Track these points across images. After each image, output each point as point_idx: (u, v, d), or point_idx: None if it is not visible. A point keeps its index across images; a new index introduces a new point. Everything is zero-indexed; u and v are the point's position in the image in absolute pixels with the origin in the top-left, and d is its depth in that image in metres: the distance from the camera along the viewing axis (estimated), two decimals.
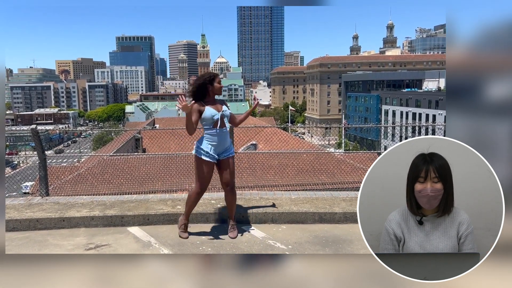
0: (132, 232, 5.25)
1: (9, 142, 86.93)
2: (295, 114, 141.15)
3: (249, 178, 15.09)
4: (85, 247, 4.81)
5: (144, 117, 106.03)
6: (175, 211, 5.54)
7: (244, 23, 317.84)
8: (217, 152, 4.85)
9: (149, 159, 16.32)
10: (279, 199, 6.04)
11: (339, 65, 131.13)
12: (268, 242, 4.89)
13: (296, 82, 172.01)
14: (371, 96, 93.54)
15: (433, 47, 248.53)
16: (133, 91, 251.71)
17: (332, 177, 16.10)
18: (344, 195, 6.21)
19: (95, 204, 5.88)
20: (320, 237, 5.04)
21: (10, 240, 4.99)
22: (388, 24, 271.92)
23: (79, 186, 14.45)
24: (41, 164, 6.68)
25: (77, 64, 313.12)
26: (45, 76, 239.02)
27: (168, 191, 13.40)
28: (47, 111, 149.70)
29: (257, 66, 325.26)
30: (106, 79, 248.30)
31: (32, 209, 5.73)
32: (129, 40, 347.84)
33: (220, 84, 4.93)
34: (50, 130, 12.80)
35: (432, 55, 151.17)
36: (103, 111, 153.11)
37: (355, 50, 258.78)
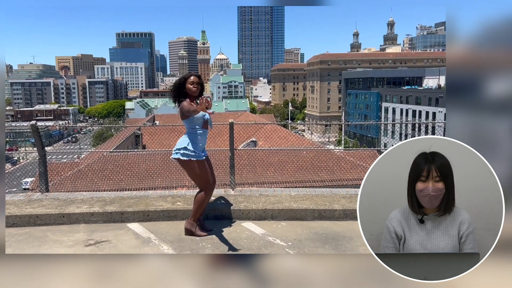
0: (132, 228, 5.26)
1: (9, 138, 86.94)
2: (295, 111, 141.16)
3: (249, 175, 15.10)
4: (85, 243, 4.82)
5: (144, 114, 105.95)
6: (175, 208, 5.55)
7: (244, 20, 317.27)
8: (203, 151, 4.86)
9: (149, 156, 16.33)
10: (279, 196, 6.04)
11: (339, 62, 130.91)
12: (267, 238, 4.90)
13: (296, 79, 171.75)
14: (371, 94, 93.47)
15: (433, 45, 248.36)
16: (133, 88, 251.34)
17: (331, 174, 16.12)
18: (344, 192, 6.22)
19: (95, 200, 5.89)
20: (320, 234, 5.05)
21: (10, 235, 5.00)
22: (389, 21, 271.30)
23: (79, 182, 14.47)
24: (41, 160, 6.68)
25: (77, 60, 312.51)
26: (45, 72, 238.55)
27: (168, 187, 13.42)
28: (47, 107, 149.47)
29: (257, 63, 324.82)
30: (106, 75, 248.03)
31: (32, 205, 5.73)
32: (129, 36, 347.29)
33: (193, 85, 4.75)
34: (50, 126, 12.80)
35: (433, 53, 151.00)
36: (103, 107, 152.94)
37: (355, 47, 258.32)
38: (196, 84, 4.78)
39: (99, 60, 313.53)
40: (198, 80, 4.84)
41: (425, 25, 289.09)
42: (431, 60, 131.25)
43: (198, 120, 4.70)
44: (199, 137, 4.75)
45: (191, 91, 4.75)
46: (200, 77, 4.95)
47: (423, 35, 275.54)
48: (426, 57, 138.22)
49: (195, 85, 4.77)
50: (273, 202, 5.74)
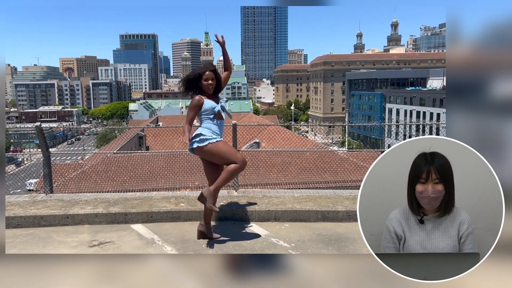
0: (135, 229, 5.28)
1: (14, 140, 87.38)
2: (298, 113, 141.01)
3: (252, 176, 15.11)
4: (89, 244, 4.85)
5: (147, 115, 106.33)
6: (178, 209, 5.56)
7: (247, 21, 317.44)
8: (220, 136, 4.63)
9: (152, 157, 16.38)
10: (282, 197, 6.05)
11: (343, 63, 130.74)
12: (271, 240, 4.91)
13: (299, 80, 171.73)
14: (375, 95, 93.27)
15: (437, 45, 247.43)
16: (137, 89, 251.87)
17: (335, 176, 16.11)
18: (347, 194, 6.22)
19: (99, 202, 5.92)
20: (323, 235, 5.05)
21: (14, 236, 5.03)
22: (393, 22, 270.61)
23: (83, 184, 14.53)
24: (45, 162, 6.72)
25: (81, 62, 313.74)
26: (49, 74, 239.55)
27: (171, 188, 13.46)
28: (51, 108, 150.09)
29: (260, 64, 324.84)
30: (110, 77, 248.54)
31: (37, 206, 5.77)
32: (133, 38, 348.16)
33: (207, 81, 4.57)
34: (54, 127, 12.88)
35: (437, 53, 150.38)
36: (107, 108, 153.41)
37: (359, 48, 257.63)
38: (211, 79, 4.58)
39: (102, 62, 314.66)
40: (214, 75, 4.62)
41: (429, 26, 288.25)
42: (435, 61, 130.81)
43: (208, 111, 4.55)
44: (214, 126, 4.58)
45: (207, 89, 4.59)
46: (216, 71, 4.68)
47: (427, 35, 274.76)
48: (430, 57, 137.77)
49: (210, 81, 4.57)
50: (276, 203, 5.75)
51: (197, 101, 4.52)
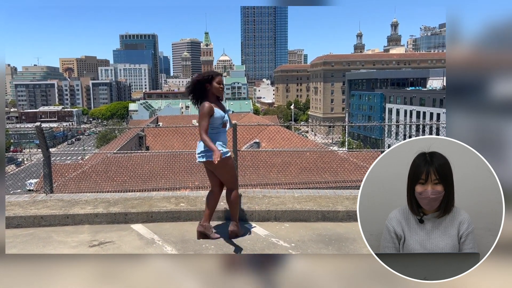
0: (135, 229, 5.28)
1: (14, 140, 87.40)
2: (298, 113, 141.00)
3: (252, 176, 15.12)
4: (89, 244, 4.85)
5: (147, 115, 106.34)
6: (179, 209, 5.57)
7: (247, 21, 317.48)
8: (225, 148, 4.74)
9: (152, 157, 16.39)
10: (282, 197, 6.05)
11: (343, 63, 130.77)
12: (271, 240, 4.91)
13: (299, 80, 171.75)
14: (375, 95, 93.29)
15: (437, 45, 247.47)
16: (137, 89, 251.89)
17: (335, 176, 16.12)
18: (347, 194, 6.22)
19: (99, 202, 5.92)
20: (323, 235, 5.05)
21: (14, 236, 5.04)
22: (393, 22, 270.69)
23: (83, 184, 14.53)
24: (46, 162, 6.72)
25: (81, 62, 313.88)
26: (49, 74, 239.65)
27: (172, 188, 13.46)
28: (51, 108, 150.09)
29: (260, 64, 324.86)
30: (110, 77, 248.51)
31: (37, 206, 5.77)
32: (133, 38, 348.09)
33: (220, 85, 4.68)
34: (54, 127, 12.88)
35: (437, 53, 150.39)
36: (107, 109, 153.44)
37: (359, 48, 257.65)
38: (222, 84, 4.76)
39: (102, 62, 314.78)
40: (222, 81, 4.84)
41: (429, 26, 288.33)
42: (435, 61, 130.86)
43: (217, 120, 4.59)
44: (220, 135, 4.65)
45: (218, 92, 4.68)
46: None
47: (427, 35, 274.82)
48: (430, 58, 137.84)
49: (221, 85, 4.73)
50: (277, 203, 5.75)
51: (208, 109, 4.50)
